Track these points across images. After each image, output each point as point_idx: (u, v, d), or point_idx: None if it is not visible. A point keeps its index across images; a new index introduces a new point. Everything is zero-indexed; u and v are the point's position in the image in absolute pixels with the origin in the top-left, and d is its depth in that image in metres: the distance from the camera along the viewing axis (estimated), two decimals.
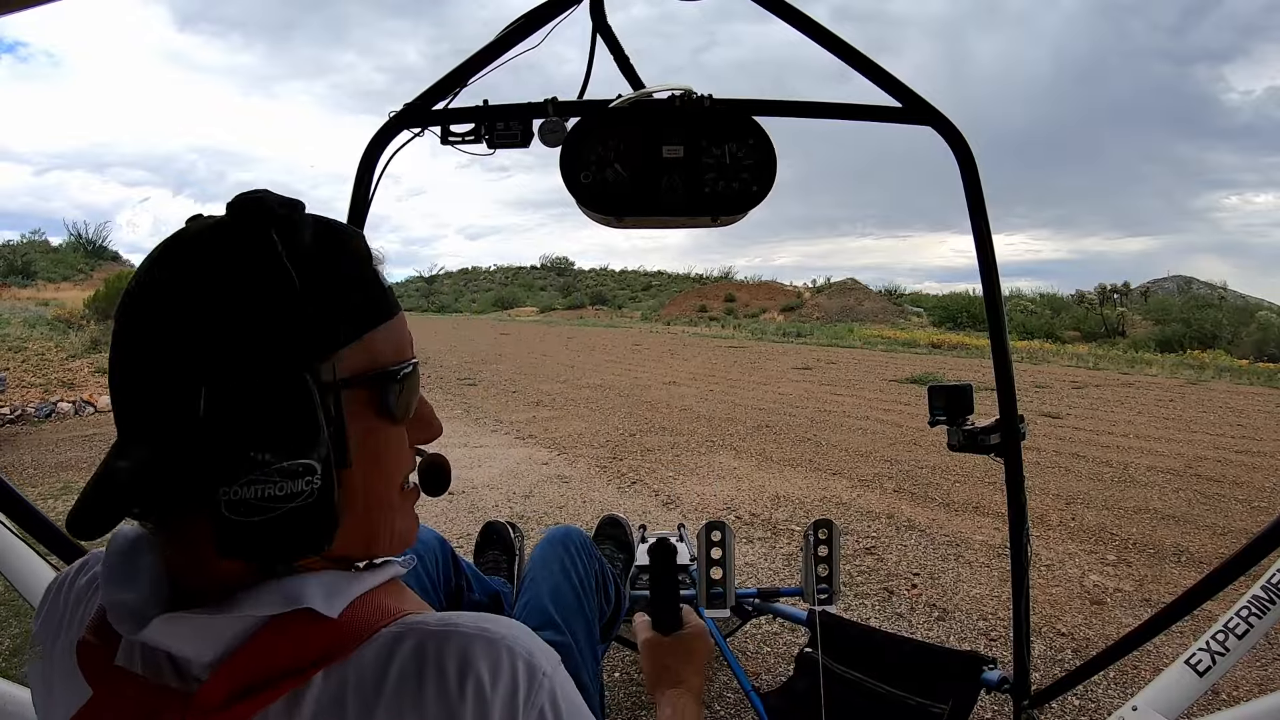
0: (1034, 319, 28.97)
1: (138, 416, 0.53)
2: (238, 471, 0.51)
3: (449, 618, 0.56)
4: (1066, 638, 2.90)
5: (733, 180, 1.47)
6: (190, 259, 0.53)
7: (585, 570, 1.50)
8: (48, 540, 1.35)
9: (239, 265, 0.52)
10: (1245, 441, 7.25)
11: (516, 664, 0.54)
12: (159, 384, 0.52)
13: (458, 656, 0.52)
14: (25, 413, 8.04)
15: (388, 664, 0.52)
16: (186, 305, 0.51)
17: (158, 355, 0.51)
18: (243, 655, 0.51)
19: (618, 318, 39.77)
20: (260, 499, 0.51)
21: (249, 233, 0.53)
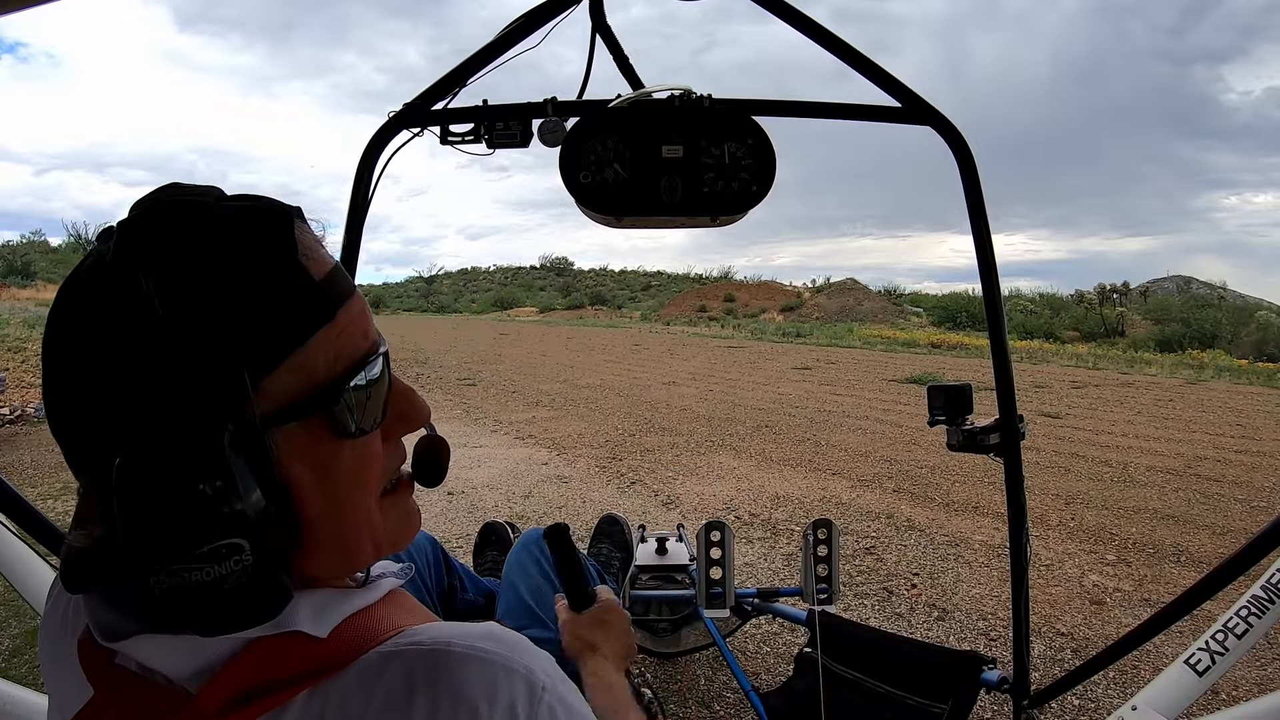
0: (1033, 319, 29.02)
1: (81, 480, 0.51)
2: (158, 559, 0.46)
3: (440, 635, 0.53)
4: (1066, 638, 2.90)
5: (732, 180, 1.47)
6: (67, 312, 0.48)
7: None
8: (48, 540, 1.35)
9: (108, 321, 0.46)
10: (1245, 441, 7.25)
11: (515, 684, 0.51)
12: (76, 455, 0.49)
13: (450, 684, 0.49)
14: (25, 413, 8.04)
15: (373, 687, 0.49)
16: (73, 370, 0.47)
17: (67, 423, 0.49)
18: (238, 664, 0.50)
19: (617, 318, 39.78)
20: (189, 585, 0.46)
21: (114, 276, 0.47)
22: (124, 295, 0.46)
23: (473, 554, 2.12)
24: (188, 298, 0.46)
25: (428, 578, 1.42)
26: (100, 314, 0.46)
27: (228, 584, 0.46)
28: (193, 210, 0.49)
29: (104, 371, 0.46)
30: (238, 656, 0.50)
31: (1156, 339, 23.49)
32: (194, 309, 0.46)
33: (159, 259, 0.47)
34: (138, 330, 0.45)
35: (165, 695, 0.51)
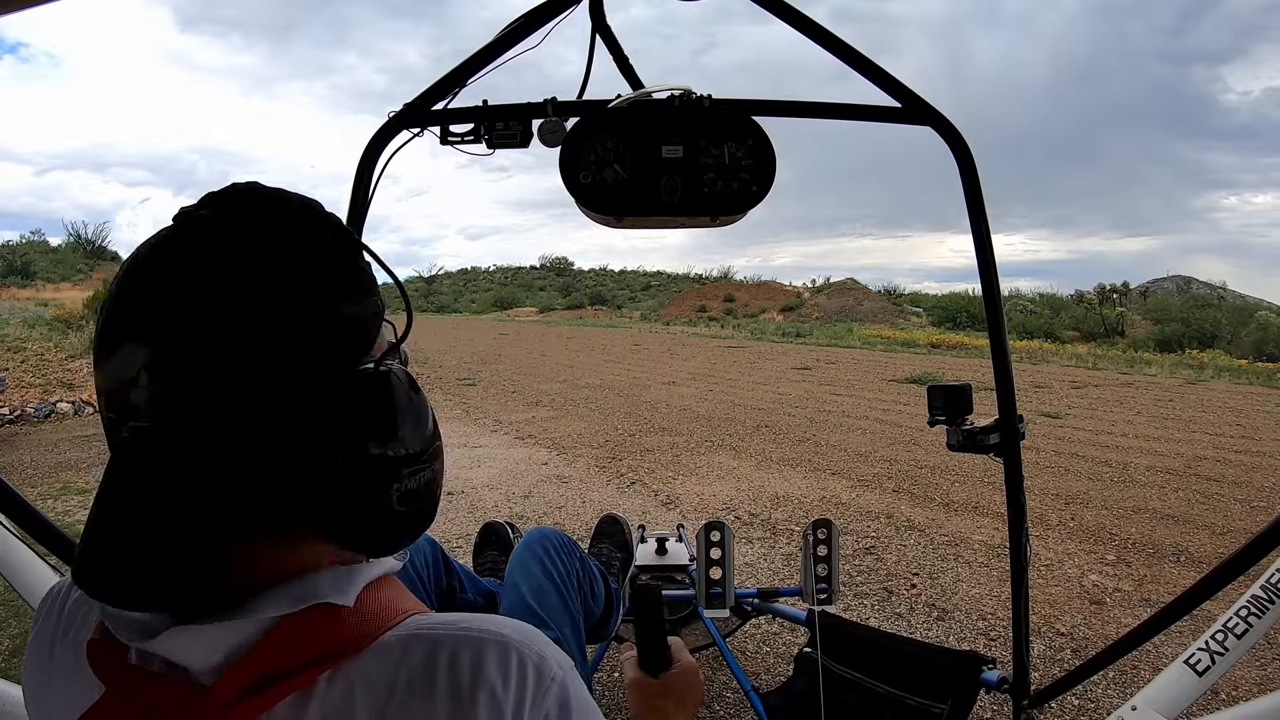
0: (1033, 319, 28.99)
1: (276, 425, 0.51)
2: (418, 458, 0.56)
3: (459, 620, 0.56)
4: (1066, 637, 2.90)
5: (732, 180, 1.47)
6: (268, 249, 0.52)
7: (565, 570, 1.49)
8: (48, 541, 1.35)
9: (318, 261, 0.54)
10: (1244, 441, 7.25)
11: (526, 667, 0.53)
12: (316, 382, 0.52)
13: (471, 662, 0.52)
14: (25, 413, 8.04)
15: (399, 666, 0.52)
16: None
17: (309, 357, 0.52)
18: (257, 651, 0.51)
19: (617, 318, 39.76)
20: (423, 486, 0.57)
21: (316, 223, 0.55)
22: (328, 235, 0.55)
23: (473, 554, 2.12)
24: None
25: (427, 578, 1.43)
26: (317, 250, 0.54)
27: (436, 483, 0.59)
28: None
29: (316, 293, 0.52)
30: (267, 636, 0.51)
31: (1156, 339, 23.47)
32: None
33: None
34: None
35: (180, 689, 0.51)
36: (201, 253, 0.50)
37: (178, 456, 0.49)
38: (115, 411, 0.50)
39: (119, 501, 0.51)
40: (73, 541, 1.38)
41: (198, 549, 0.51)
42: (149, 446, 0.49)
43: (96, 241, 35.35)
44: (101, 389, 0.51)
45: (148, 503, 0.50)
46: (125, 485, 0.51)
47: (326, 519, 0.54)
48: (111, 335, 0.50)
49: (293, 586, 0.54)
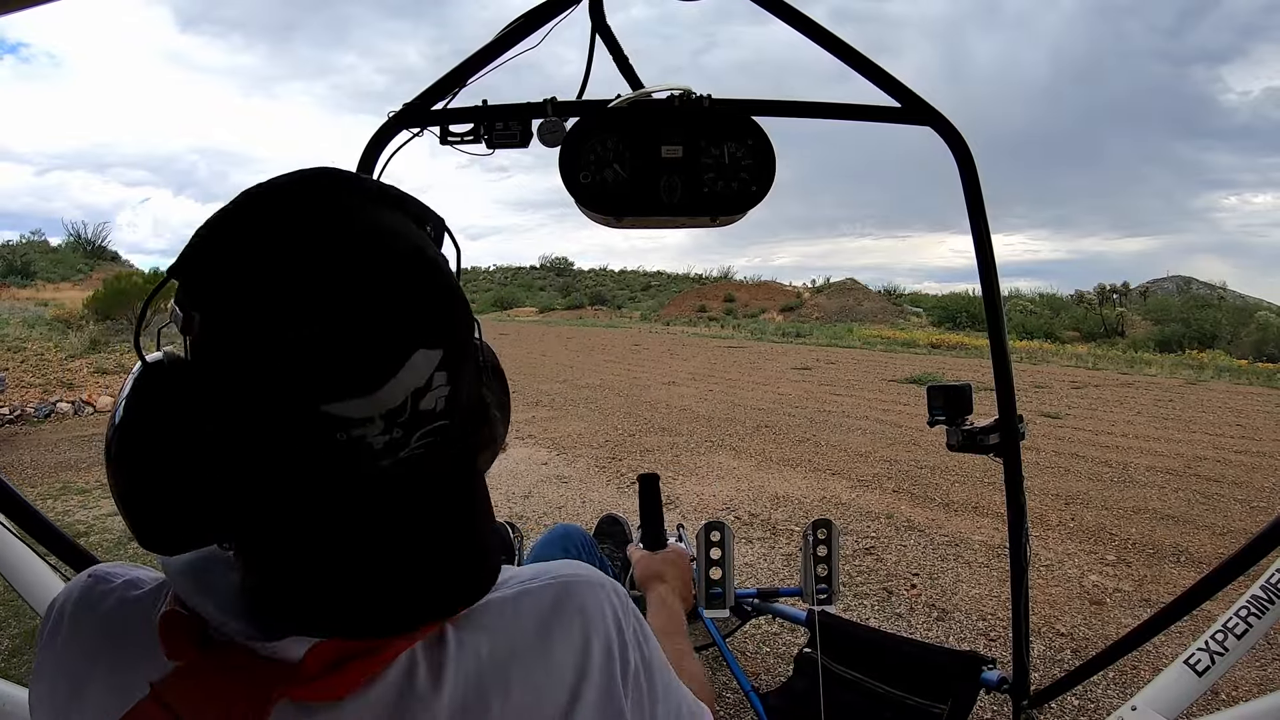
0: (1033, 319, 28.97)
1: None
2: (499, 431, 0.61)
3: (541, 570, 0.61)
4: (1066, 638, 2.90)
5: (732, 180, 1.47)
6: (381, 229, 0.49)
7: None
8: (48, 541, 1.35)
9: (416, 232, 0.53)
10: (1244, 441, 7.25)
11: (609, 594, 0.61)
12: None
13: (575, 606, 0.58)
14: (24, 413, 8.04)
15: (514, 625, 0.56)
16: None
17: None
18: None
19: (617, 318, 39.73)
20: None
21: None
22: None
23: None
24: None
25: None
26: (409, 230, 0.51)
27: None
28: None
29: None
30: None
31: (1156, 339, 23.46)
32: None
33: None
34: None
35: (266, 663, 0.50)
36: (421, 247, 0.49)
37: (464, 450, 0.53)
38: (402, 428, 0.46)
39: (400, 527, 0.49)
40: (74, 543, 1.38)
41: (475, 540, 0.53)
42: (446, 447, 0.50)
43: (96, 241, 35.38)
44: (375, 413, 0.45)
45: (444, 507, 0.52)
46: (412, 503, 0.49)
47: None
48: (393, 347, 0.44)
49: None
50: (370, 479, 0.47)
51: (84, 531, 4.18)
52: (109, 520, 4.40)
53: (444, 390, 0.47)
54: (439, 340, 0.46)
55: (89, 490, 5.07)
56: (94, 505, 4.72)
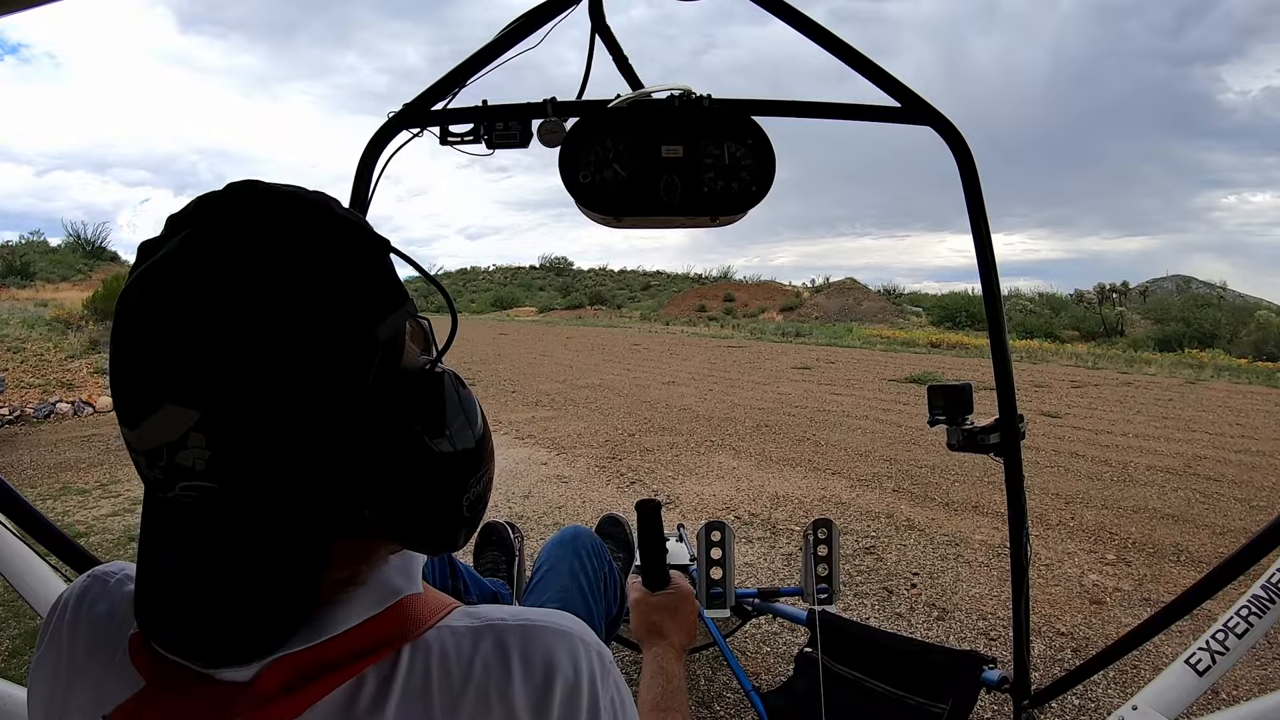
0: (1033, 318, 28.99)
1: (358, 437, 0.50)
2: (480, 465, 0.58)
3: (516, 612, 0.58)
4: (1066, 637, 2.90)
5: (732, 180, 1.47)
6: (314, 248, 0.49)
7: (594, 573, 1.51)
8: (48, 541, 1.35)
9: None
10: (1244, 441, 7.25)
11: (591, 655, 0.57)
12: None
13: (542, 655, 0.54)
14: (24, 413, 8.04)
15: (473, 655, 0.53)
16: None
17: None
18: (308, 649, 0.51)
19: (617, 318, 39.72)
20: (487, 482, 0.60)
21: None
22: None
23: (474, 554, 2.12)
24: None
25: (432, 578, 1.43)
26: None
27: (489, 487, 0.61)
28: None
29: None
30: (317, 644, 0.51)
31: (1156, 338, 23.46)
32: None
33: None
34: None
35: (224, 686, 0.50)
36: (229, 286, 0.45)
37: (247, 509, 0.47)
38: (161, 471, 0.46)
39: (183, 556, 0.48)
40: (74, 543, 1.38)
41: (278, 592, 0.49)
42: (214, 505, 0.46)
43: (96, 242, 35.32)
44: (139, 448, 0.47)
45: (221, 555, 0.48)
46: (188, 540, 0.48)
47: (400, 525, 0.55)
48: (144, 395, 0.45)
49: (369, 588, 0.54)
50: (161, 506, 0.49)
51: (84, 532, 4.18)
52: (109, 520, 4.40)
53: (202, 453, 0.44)
54: (194, 401, 0.44)
55: (89, 491, 5.07)
56: (94, 505, 4.72)
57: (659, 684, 0.95)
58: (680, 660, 1.02)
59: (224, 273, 0.45)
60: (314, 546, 0.50)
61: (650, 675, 0.97)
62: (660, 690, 0.94)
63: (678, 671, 0.99)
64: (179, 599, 0.49)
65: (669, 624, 1.07)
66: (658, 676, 0.96)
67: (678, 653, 1.03)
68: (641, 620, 1.08)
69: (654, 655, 1.01)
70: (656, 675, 0.96)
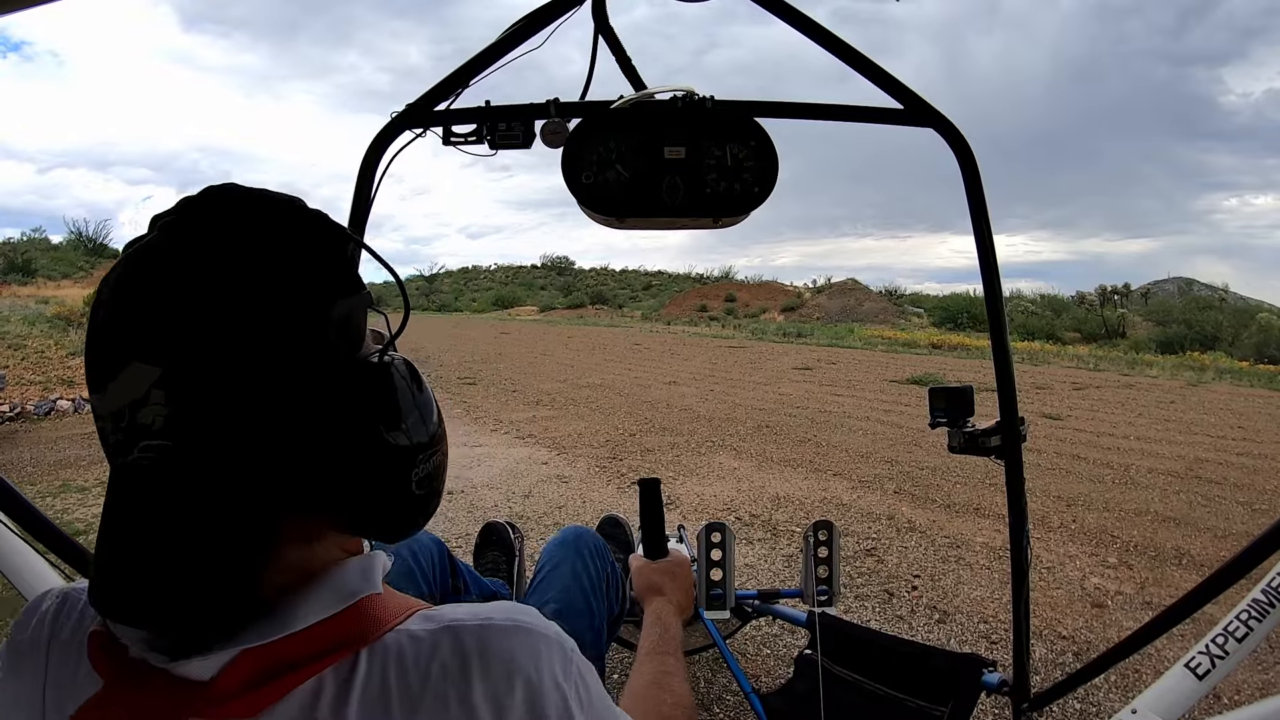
0: (1034, 320, 28.98)
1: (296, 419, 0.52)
2: (431, 444, 0.60)
3: (476, 610, 0.58)
4: (1068, 641, 2.90)
5: (734, 181, 1.47)
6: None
7: (597, 574, 1.51)
8: (47, 539, 1.35)
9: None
10: (1246, 444, 7.24)
11: (552, 650, 0.57)
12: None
13: (501, 656, 0.54)
14: (24, 410, 8.05)
15: (428, 663, 0.53)
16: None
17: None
18: (266, 647, 0.51)
19: (618, 317, 39.75)
20: (436, 468, 0.61)
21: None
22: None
23: (474, 554, 2.12)
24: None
25: (433, 577, 1.43)
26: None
27: (443, 467, 0.63)
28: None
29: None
30: (274, 642, 0.51)
31: (1158, 340, 23.46)
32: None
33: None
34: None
35: (182, 684, 0.50)
36: (197, 263, 0.49)
37: (202, 472, 0.49)
38: (123, 433, 0.49)
39: (138, 524, 0.50)
40: (73, 541, 1.38)
41: (230, 564, 0.50)
42: (170, 465, 0.48)
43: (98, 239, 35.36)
44: (104, 412, 0.50)
45: (175, 523, 0.49)
46: (144, 507, 0.49)
47: (350, 511, 0.56)
48: (112, 356, 0.49)
49: (326, 586, 0.54)
50: (121, 475, 0.50)
51: (83, 530, 4.18)
52: None
53: (160, 410, 0.47)
54: (157, 358, 0.47)
55: (88, 488, 5.07)
56: (93, 503, 4.72)
57: (656, 632, 1.03)
58: (677, 615, 1.11)
59: (192, 249, 0.50)
60: (263, 515, 0.52)
61: (649, 625, 1.06)
62: (657, 636, 1.02)
63: (674, 623, 1.07)
64: (135, 571, 0.49)
65: (668, 584, 1.17)
66: (655, 625, 1.05)
67: (675, 608, 1.12)
68: (643, 582, 1.18)
69: (653, 608, 1.10)
70: (654, 624, 1.05)
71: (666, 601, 1.12)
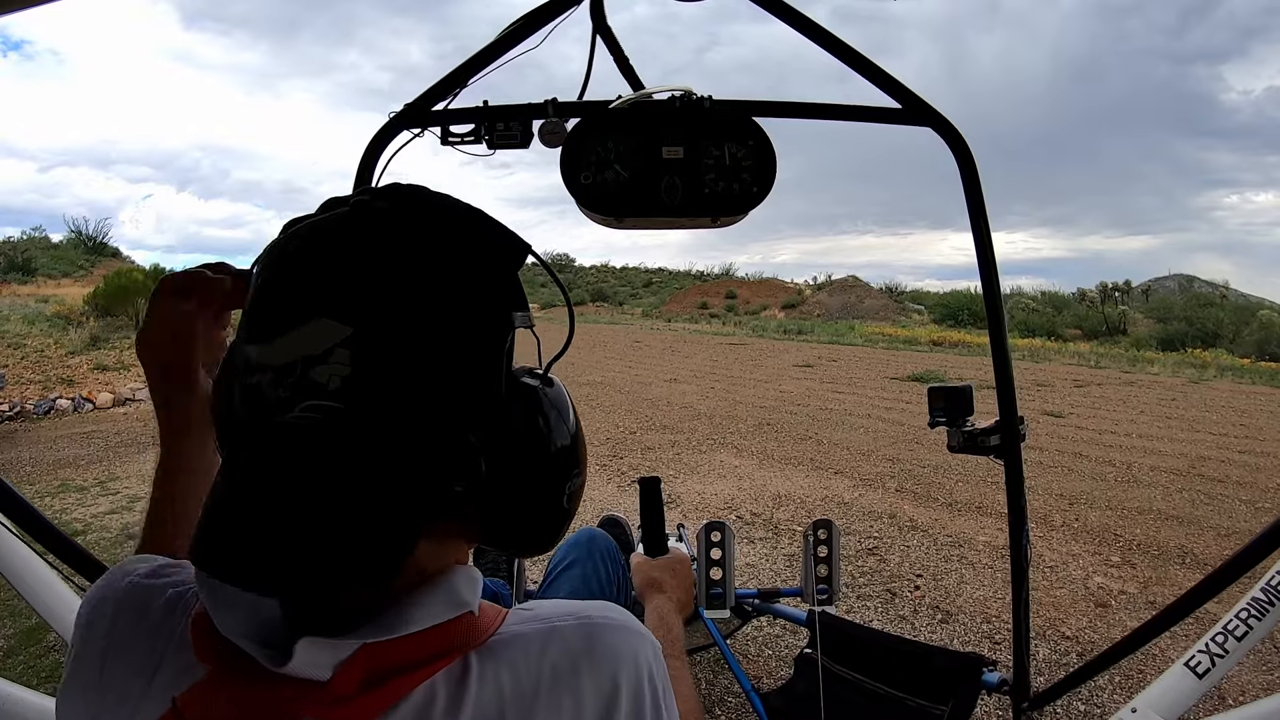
0: (1036, 317, 28.96)
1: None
2: (582, 462, 0.63)
3: (573, 609, 0.59)
4: (1072, 641, 2.89)
5: (733, 181, 1.46)
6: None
7: (607, 577, 1.52)
8: (46, 540, 1.35)
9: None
10: (1248, 441, 7.24)
11: (644, 644, 0.58)
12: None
13: (605, 653, 0.55)
14: (24, 410, 8.06)
15: (540, 663, 0.53)
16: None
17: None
18: (382, 648, 0.49)
19: (619, 314, 39.73)
20: (580, 488, 0.64)
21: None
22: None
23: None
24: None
25: None
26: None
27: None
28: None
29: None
30: (387, 643, 0.50)
31: (1159, 337, 23.45)
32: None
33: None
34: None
35: (294, 681, 0.48)
36: (395, 240, 0.49)
37: (368, 441, 0.46)
38: (288, 389, 0.46)
39: (286, 487, 0.46)
40: (72, 542, 1.38)
41: (381, 542, 0.47)
42: (336, 429, 0.45)
43: (98, 238, 35.35)
44: (267, 363, 0.46)
45: (333, 490, 0.46)
46: (299, 470, 0.46)
47: (496, 518, 0.56)
48: (295, 307, 0.46)
49: (439, 592, 0.53)
50: (266, 431, 0.47)
51: (81, 530, 4.19)
52: (107, 519, 4.41)
53: (342, 370, 0.45)
54: (350, 318, 0.46)
55: (87, 488, 5.08)
56: (92, 503, 4.73)
57: (660, 633, 1.00)
58: (678, 614, 1.10)
59: (392, 224, 0.50)
60: (420, 499, 0.49)
61: (652, 626, 1.03)
62: (662, 638, 1.00)
63: (677, 623, 1.07)
64: (274, 536, 0.46)
65: (669, 581, 1.16)
66: (659, 627, 1.04)
67: (676, 606, 1.12)
68: (643, 578, 1.18)
69: (655, 607, 1.09)
70: (659, 626, 1.04)
71: (668, 599, 1.12)
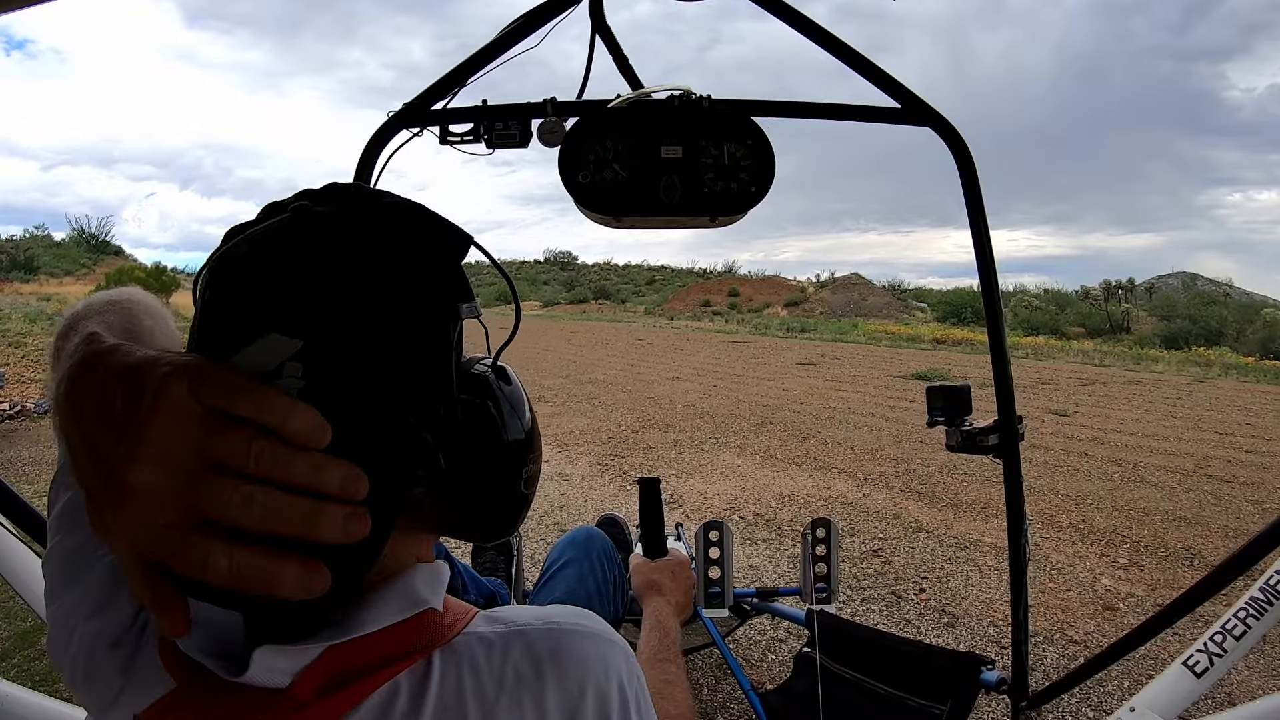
0: (1039, 315, 28.92)
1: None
2: (537, 447, 0.62)
3: (541, 614, 0.58)
4: (1080, 645, 2.85)
5: (731, 180, 1.46)
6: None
7: (604, 577, 1.52)
8: (45, 540, 1.35)
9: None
10: (1255, 441, 7.21)
11: (617, 654, 0.58)
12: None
13: (573, 660, 0.55)
14: (25, 408, 8.07)
15: (502, 667, 0.53)
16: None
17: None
18: (338, 652, 0.50)
19: (621, 312, 39.74)
20: (536, 474, 0.63)
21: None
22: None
23: (472, 554, 2.13)
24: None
25: None
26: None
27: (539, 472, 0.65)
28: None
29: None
30: (343, 646, 0.50)
31: (1162, 335, 23.42)
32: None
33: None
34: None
35: (252, 691, 0.49)
36: (337, 245, 0.48)
37: (324, 452, 0.45)
38: None
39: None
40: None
41: (349, 549, 0.46)
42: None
43: (100, 236, 35.44)
44: None
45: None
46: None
47: (454, 507, 0.57)
48: (246, 324, 0.46)
49: (396, 591, 0.54)
50: None
51: None
52: None
53: (297, 383, 0.45)
54: (299, 331, 0.45)
55: None
56: None
57: (656, 636, 1.03)
58: (676, 617, 1.11)
59: (334, 232, 0.49)
60: (378, 503, 0.48)
61: (649, 628, 1.05)
62: (658, 642, 1.02)
63: (674, 626, 1.07)
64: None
65: (668, 583, 1.17)
66: (656, 629, 1.05)
67: (674, 609, 1.12)
68: (642, 580, 1.18)
69: (653, 610, 1.09)
70: (655, 628, 1.05)
71: (666, 602, 1.12)
